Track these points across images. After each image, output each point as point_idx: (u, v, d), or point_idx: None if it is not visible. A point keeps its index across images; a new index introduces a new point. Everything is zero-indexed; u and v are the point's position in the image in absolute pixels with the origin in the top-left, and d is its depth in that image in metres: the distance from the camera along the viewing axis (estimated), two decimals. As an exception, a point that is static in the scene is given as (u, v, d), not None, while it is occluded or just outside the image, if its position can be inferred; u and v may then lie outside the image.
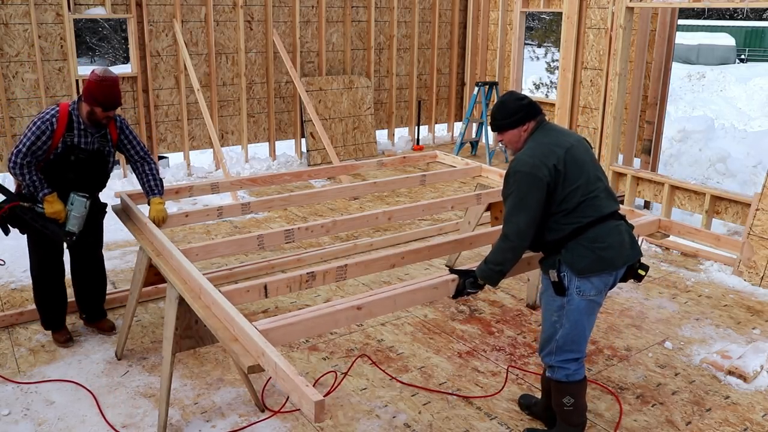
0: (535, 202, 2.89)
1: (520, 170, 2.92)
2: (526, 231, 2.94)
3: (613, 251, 2.96)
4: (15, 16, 6.93)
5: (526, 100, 3.11)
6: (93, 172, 3.97)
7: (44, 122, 3.69)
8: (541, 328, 3.15)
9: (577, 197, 2.94)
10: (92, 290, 4.31)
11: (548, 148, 2.96)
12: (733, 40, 31.67)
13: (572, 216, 2.95)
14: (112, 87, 3.68)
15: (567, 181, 2.93)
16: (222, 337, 2.65)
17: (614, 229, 2.98)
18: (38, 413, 3.52)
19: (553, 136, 3.05)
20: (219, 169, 8.28)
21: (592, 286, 2.96)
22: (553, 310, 3.04)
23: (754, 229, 5.35)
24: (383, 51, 9.73)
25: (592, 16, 7.46)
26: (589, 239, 2.93)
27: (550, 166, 2.90)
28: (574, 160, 2.96)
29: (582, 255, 2.92)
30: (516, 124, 3.07)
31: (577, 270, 2.93)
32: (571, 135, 3.13)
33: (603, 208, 2.98)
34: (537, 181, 2.88)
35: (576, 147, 3.02)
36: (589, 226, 2.94)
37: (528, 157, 2.94)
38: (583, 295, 2.96)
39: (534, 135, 3.06)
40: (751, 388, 3.84)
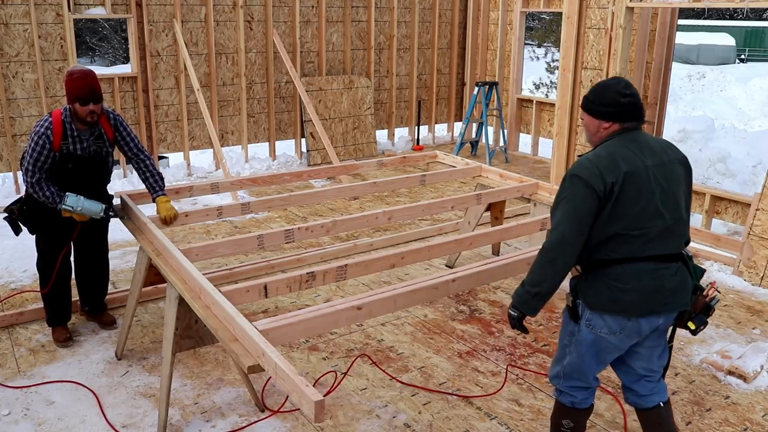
0: (587, 213, 2.56)
1: (577, 174, 2.58)
2: (572, 243, 2.58)
3: (637, 296, 2.61)
4: (15, 16, 6.93)
5: (628, 99, 2.66)
6: (93, 176, 4.04)
7: (40, 136, 3.74)
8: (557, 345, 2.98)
9: (615, 229, 2.59)
10: (96, 281, 4.37)
11: (614, 161, 2.58)
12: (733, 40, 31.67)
13: (604, 247, 2.62)
14: (84, 79, 3.73)
15: (615, 207, 2.57)
16: (222, 337, 2.65)
17: (650, 273, 2.62)
18: (38, 413, 3.52)
19: (630, 149, 2.62)
20: (219, 169, 8.28)
21: (605, 324, 2.67)
22: (566, 333, 2.85)
23: (754, 229, 5.35)
24: (383, 51, 9.73)
25: (592, 16, 7.46)
26: (610, 276, 2.63)
27: (607, 182, 2.54)
28: (636, 187, 2.57)
29: (598, 290, 2.66)
30: (600, 115, 2.69)
31: (588, 303, 2.69)
32: (658, 155, 2.67)
33: (647, 249, 2.61)
34: (591, 192, 2.54)
35: (651, 170, 2.61)
36: (616, 263, 2.62)
37: (589, 162, 2.60)
38: (592, 330, 2.71)
39: (613, 139, 2.67)
40: (751, 388, 3.84)
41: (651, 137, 2.75)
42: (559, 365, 2.89)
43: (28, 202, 3.98)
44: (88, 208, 3.87)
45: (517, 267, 3.51)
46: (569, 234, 2.57)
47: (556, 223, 2.62)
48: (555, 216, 2.64)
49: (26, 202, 3.99)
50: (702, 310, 2.77)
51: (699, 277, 2.80)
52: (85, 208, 3.86)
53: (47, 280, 4.12)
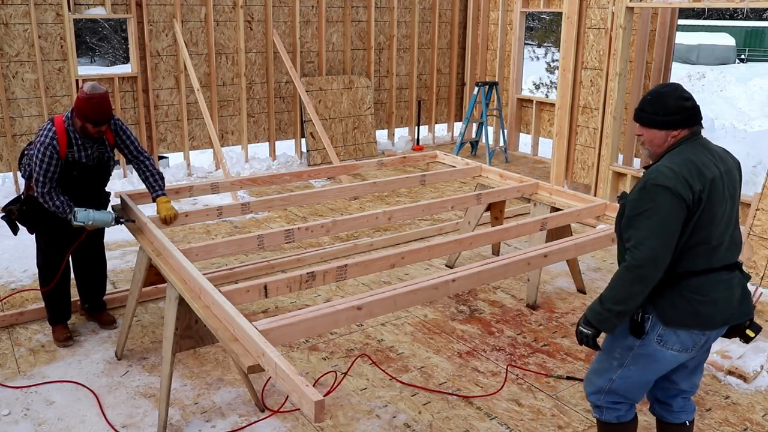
0: (676, 224, 2.43)
1: (662, 184, 2.43)
2: (664, 258, 2.46)
3: (714, 308, 2.56)
4: (15, 16, 6.93)
5: (691, 102, 2.57)
6: (96, 181, 4.10)
7: (47, 147, 3.74)
8: (595, 359, 2.80)
9: (698, 239, 2.50)
10: (94, 279, 4.39)
11: (697, 168, 2.47)
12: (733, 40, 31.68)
13: (683, 260, 2.52)
14: (101, 104, 3.74)
15: (701, 216, 2.48)
16: (222, 337, 2.65)
17: (724, 283, 2.58)
18: (38, 413, 3.52)
19: (704, 155, 2.54)
20: (219, 169, 8.28)
21: (678, 339, 2.57)
22: (619, 347, 2.67)
23: (754, 229, 5.35)
24: (383, 51, 9.73)
25: (592, 16, 7.46)
26: (690, 289, 2.54)
27: (695, 190, 2.43)
28: (717, 194, 2.50)
29: (676, 304, 2.54)
30: (667, 125, 2.56)
31: (665, 319, 2.56)
32: (725, 161, 2.61)
33: (720, 259, 2.57)
34: (681, 202, 2.42)
35: (724, 177, 2.55)
36: (696, 275, 2.54)
37: (672, 171, 2.45)
38: (663, 345, 2.59)
39: (682, 146, 2.56)
40: (751, 388, 3.84)
41: (712, 143, 2.67)
42: (603, 380, 2.73)
43: (27, 203, 3.99)
44: (99, 220, 3.88)
45: (517, 267, 3.51)
46: (661, 249, 2.44)
47: (641, 238, 2.45)
48: (637, 230, 2.48)
49: (26, 202, 3.99)
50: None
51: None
52: (96, 220, 3.87)
53: (48, 279, 4.13)
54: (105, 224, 3.90)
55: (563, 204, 4.62)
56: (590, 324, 2.61)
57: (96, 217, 3.86)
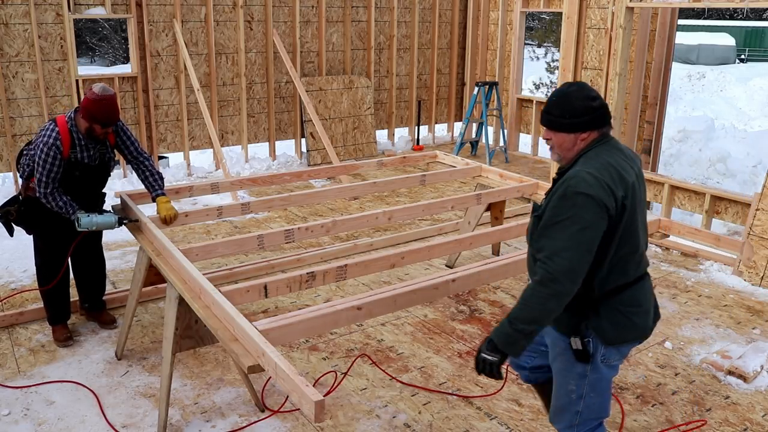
0: (596, 237, 2.26)
1: (584, 192, 2.24)
2: (580, 272, 2.26)
3: (648, 316, 2.50)
4: (15, 16, 6.93)
5: (598, 102, 2.41)
6: (96, 181, 4.10)
7: (50, 147, 3.73)
8: (553, 395, 2.63)
9: (629, 248, 2.38)
10: (94, 278, 4.40)
11: (617, 172, 2.32)
12: (733, 40, 31.66)
13: (616, 272, 2.39)
14: (110, 105, 3.74)
15: (627, 223, 2.34)
16: (222, 337, 2.65)
17: (649, 288, 2.52)
18: (38, 413, 3.52)
19: (620, 158, 2.40)
20: (219, 169, 8.27)
21: (619, 352, 2.49)
22: (571, 377, 2.51)
23: (754, 229, 5.35)
24: (383, 51, 9.73)
25: (592, 16, 7.46)
26: (625, 302, 2.42)
27: (618, 197, 2.28)
28: (635, 199, 2.36)
29: (616, 322, 2.41)
30: (575, 128, 2.39)
31: (606, 339, 2.42)
32: (634, 160, 2.49)
33: (645, 264, 2.49)
34: (603, 212, 2.25)
35: (638, 179, 2.44)
36: (629, 286, 2.42)
37: (594, 177, 2.27)
38: (608, 363, 2.49)
39: (596, 149, 2.39)
40: (751, 388, 3.84)
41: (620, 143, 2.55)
42: (570, 414, 2.56)
43: (25, 203, 3.98)
44: (102, 223, 3.87)
45: (517, 267, 3.51)
46: (578, 261, 2.24)
47: (557, 248, 2.25)
48: (552, 240, 2.27)
49: (24, 202, 3.99)
50: None
51: None
52: (99, 224, 3.86)
53: (47, 279, 4.13)
54: (109, 227, 3.89)
55: (563, 204, 4.60)
56: (496, 349, 2.35)
57: (99, 222, 3.85)
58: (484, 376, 2.43)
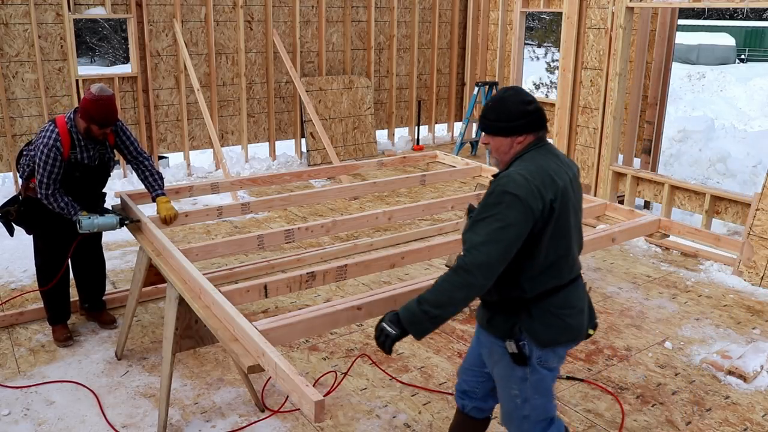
0: (517, 236, 2.28)
1: (512, 192, 2.28)
2: (496, 268, 2.29)
3: (581, 317, 2.52)
4: (15, 16, 6.93)
5: (533, 106, 2.45)
6: (96, 182, 4.09)
7: (50, 149, 3.73)
8: (500, 401, 2.66)
9: (560, 251, 2.40)
10: (93, 278, 4.40)
11: (549, 176, 2.36)
12: (733, 40, 31.66)
13: (548, 274, 2.40)
14: (108, 105, 3.73)
15: (557, 226, 2.37)
16: (222, 337, 2.65)
17: (581, 291, 2.53)
18: (38, 413, 3.52)
19: (554, 162, 2.43)
20: (219, 169, 8.28)
21: (555, 355, 2.49)
22: (513, 382, 2.51)
23: (754, 229, 5.35)
24: (383, 51, 9.73)
25: (592, 16, 7.46)
26: (557, 304, 2.43)
27: (546, 200, 2.31)
28: (567, 202, 2.40)
29: (548, 324, 2.42)
30: (511, 131, 2.43)
31: (540, 341, 2.43)
32: (570, 167, 2.52)
33: (578, 267, 2.51)
34: (528, 213, 2.28)
35: (572, 183, 2.47)
36: (561, 289, 2.44)
37: (524, 178, 2.31)
38: (546, 366, 2.49)
39: (531, 153, 2.44)
40: (751, 388, 3.84)
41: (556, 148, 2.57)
42: (518, 418, 2.58)
43: (25, 204, 3.98)
44: (104, 225, 3.86)
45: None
46: (496, 258, 2.27)
47: (477, 242, 2.28)
48: (475, 234, 2.30)
49: (24, 203, 3.98)
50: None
51: None
52: (101, 225, 3.85)
53: (47, 279, 4.13)
54: (110, 228, 3.88)
55: (563, 204, 4.61)
56: (399, 323, 2.37)
57: (100, 223, 3.84)
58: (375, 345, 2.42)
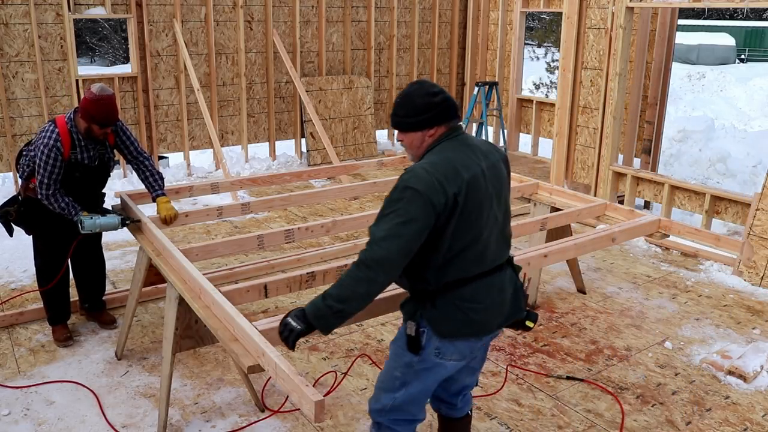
0: (418, 231, 2.26)
1: (413, 186, 2.26)
2: (397, 263, 2.27)
3: (489, 314, 2.46)
4: (15, 16, 6.93)
5: (440, 97, 2.42)
6: (96, 182, 4.09)
7: (51, 149, 3.73)
8: (379, 377, 2.64)
9: (463, 243, 2.35)
10: (93, 278, 4.40)
11: (454, 168, 2.32)
12: (733, 40, 31.66)
13: (452, 266, 2.36)
14: (109, 105, 3.73)
15: (462, 219, 2.32)
16: (222, 337, 2.65)
17: (496, 286, 2.47)
18: (38, 413, 3.52)
19: (464, 153, 2.39)
20: (219, 169, 8.27)
21: (456, 350, 2.44)
22: (400, 364, 2.51)
23: (754, 229, 5.35)
24: (383, 51, 9.73)
25: (592, 16, 7.46)
26: (463, 297, 2.39)
27: (449, 194, 2.27)
28: (476, 193, 2.35)
29: (450, 316, 2.39)
30: (420, 125, 2.42)
31: (441, 332, 2.40)
32: (487, 156, 2.46)
33: (490, 260, 2.44)
34: (428, 208, 2.25)
35: (485, 174, 2.39)
36: (468, 282, 2.39)
37: (426, 172, 2.29)
38: (442, 357, 2.44)
39: (441, 144, 2.41)
40: (751, 388, 3.84)
41: (474, 138, 2.55)
42: (387, 398, 2.55)
43: (25, 204, 3.97)
44: (105, 225, 3.86)
45: (517, 267, 3.51)
46: (396, 253, 2.25)
47: (380, 237, 2.26)
48: (378, 228, 2.29)
49: (23, 203, 3.98)
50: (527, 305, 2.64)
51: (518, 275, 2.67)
52: (103, 226, 3.85)
53: (47, 280, 4.13)
54: (112, 228, 3.88)
55: (563, 204, 4.62)
56: (305, 318, 2.33)
57: (102, 223, 3.84)
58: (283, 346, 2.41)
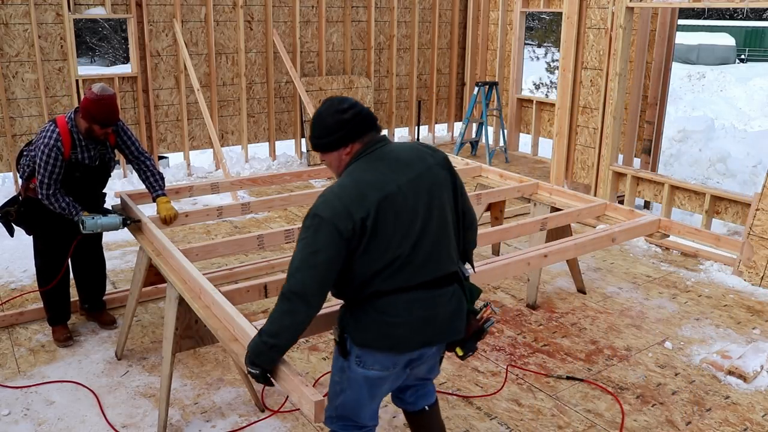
0: (328, 260, 2.20)
1: (319, 215, 2.20)
2: (316, 292, 2.23)
3: (407, 330, 2.32)
4: (15, 16, 6.93)
5: (350, 113, 2.34)
6: (97, 182, 4.09)
7: (51, 149, 3.72)
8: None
9: (380, 263, 2.26)
10: (94, 279, 4.40)
11: (361, 192, 2.22)
12: (733, 40, 31.66)
13: (370, 281, 2.28)
14: (110, 105, 3.72)
15: (375, 242, 2.23)
16: (222, 337, 2.65)
17: (423, 302, 2.33)
18: (38, 413, 3.52)
19: (380, 170, 2.29)
20: (219, 169, 8.27)
21: (375, 360, 2.36)
22: (336, 368, 2.49)
23: (754, 229, 5.35)
24: (383, 51, 9.73)
25: (592, 16, 7.46)
26: (378, 309, 2.30)
27: (356, 219, 2.19)
28: (393, 213, 2.24)
29: (366, 326, 2.32)
30: (334, 145, 2.35)
31: (356, 340, 2.35)
32: (412, 166, 2.33)
33: (415, 276, 2.31)
34: (335, 236, 2.18)
35: (403, 190, 2.27)
36: (385, 295, 2.29)
37: (335, 197, 2.23)
38: (364, 367, 2.38)
39: (357, 162, 2.33)
40: (751, 388, 3.84)
41: (401, 146, 2.43)
42: (331, 405, 2.52)
43: (25, 204, 3.97)
44: (107, 225, 3.85)
45: (517, 267, 3.52)
46: (311, 284, 2.20)
47: (295, 267, 2.22)
48: (295, 256, 2.24)
49: (23, 203, 3.98)
50: (474, 334, 2.48)
51: (475, 299, 2.52)
52: (104, 226, 3.85)
53: (47, 280, 4.13)
54: (113, 228, 3.88)
55: (563, 204, 4.62)
56: (253, 362, 2.30)
57: (104, 223, 3.84)
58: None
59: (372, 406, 2.52)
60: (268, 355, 2.28)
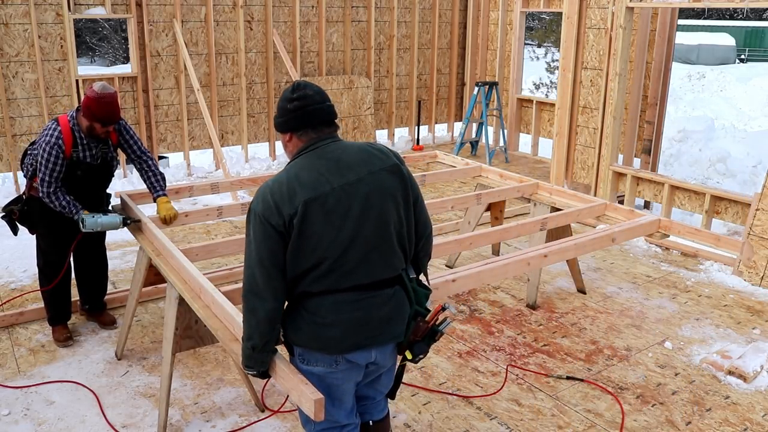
0: (270, 253, 2.18)
1: (253, 209, 2.22)
2: (266, 287, 2.20)
3: (337, 331, 2.25)
4: (15, 16, 6.93)
5: (294, 104, 2.29)
6: (99, 181, 4.08)
7: (53, 147, 3.73)
8: None
9: (307, 264, 2.22)
10: (95, 279, 4.39)
11: (292, 189, 2.19)
12: (733, 40, 31.67)
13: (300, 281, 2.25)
14: (111, 103, 3.72)
15: (301, 241, 2.19)
16: (222, 337, 2.66)
17: (351, 305, 2.26)
18: (38, 413, 3.52)
19: (318, 169, 2.24)
20: (219, 169, 8.28)
21: (316, 359, 2.30)
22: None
23: (754, 229, 5.35)
24: (383, 51, 9.73)
25: (592, 16, 7.46)
26: (309, 309, 2.27)
27: (284, 215, 2.17)
28: (322, 214, 2.19)
29: (298, 326, 2.29)
30: (277, 127, 2.37)
31: (292, 339, 2.33)
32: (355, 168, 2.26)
33: (345, 279, 2.24)
34: (269, 229, 2.17)
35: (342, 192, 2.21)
36: (314, 296, 2.26)
37: (269, 191, 2.21)
38: (308, 364, 2.32)
39: (301, 158, 2.29)
40: (751, 388, 3.84)
41: (350, 146, 2.33)
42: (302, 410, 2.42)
43: (28, 203, 3.98)
44: (107, 224, 3.85)
45: (517, 267, 3.52)
46: (260, 279, 2.19)
47: (245, 266, 2.24)
48: (245, 254, 2.26)
49: (27, 202, 3.99)
50: (426, 336, 2.35)
51: (422, 301, 2.40)
52: (104, 224, 3.85)
53: (49, 280, 4.13)
54: (113, 228, 3.88)
55: (563, 204, 4.62)
56: (247, 366, 2.34)
57: (104, 222, 3.84)
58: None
59: (344, 405, 2.43)
60: (254, 358, 2.30)
